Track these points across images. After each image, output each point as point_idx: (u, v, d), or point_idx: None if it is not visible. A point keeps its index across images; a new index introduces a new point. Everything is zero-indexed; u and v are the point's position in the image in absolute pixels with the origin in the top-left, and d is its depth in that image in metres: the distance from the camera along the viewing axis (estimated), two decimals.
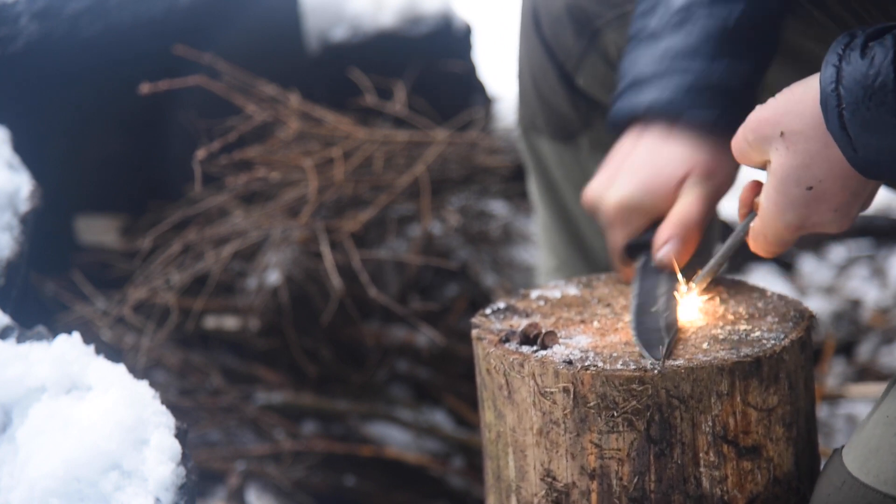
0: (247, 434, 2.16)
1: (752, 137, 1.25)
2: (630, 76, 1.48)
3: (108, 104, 2.28)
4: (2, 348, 1.46)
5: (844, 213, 1.25)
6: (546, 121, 1.84)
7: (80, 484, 1.29)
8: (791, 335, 1.26)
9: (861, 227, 2.96)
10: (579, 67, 1.76)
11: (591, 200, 1.48)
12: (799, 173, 1.21)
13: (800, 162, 1.21)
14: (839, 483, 1.18)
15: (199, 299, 2.14)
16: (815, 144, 1.19)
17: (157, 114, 2.36)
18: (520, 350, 1.27)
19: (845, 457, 1.20)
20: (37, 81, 2.16)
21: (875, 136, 1.12)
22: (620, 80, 1.50)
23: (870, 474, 1.15)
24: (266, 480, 2.06)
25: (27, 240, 1.73)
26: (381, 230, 2.27)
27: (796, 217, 1.24)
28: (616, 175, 1.46)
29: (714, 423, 1.22)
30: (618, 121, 1.50)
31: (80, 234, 2.32)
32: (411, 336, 2.21)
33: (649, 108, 1.44)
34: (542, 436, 1.25)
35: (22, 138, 1.92)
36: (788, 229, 1.26)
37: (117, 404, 1.35)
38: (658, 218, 1.44)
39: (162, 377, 2.15)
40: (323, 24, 2.67)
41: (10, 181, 1.76)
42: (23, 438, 1.34)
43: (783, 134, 1.21)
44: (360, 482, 2.06)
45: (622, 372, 1.20)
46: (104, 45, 2.21)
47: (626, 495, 1.23)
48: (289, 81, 2.58)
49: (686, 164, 1.42)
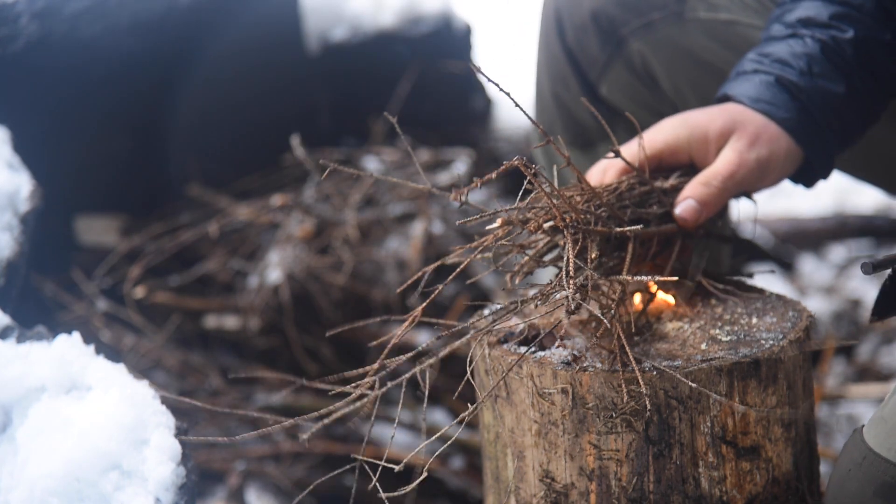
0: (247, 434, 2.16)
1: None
2: (734, 71, 1.51)
3: (109, 104, 2.28)
4: (2, 348, 1.46)
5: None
6: (564, 127, 1.83)
7: (80, 484, 1.29)
8: (790, 335, 1.27)
9: (861, 227, 2.96)
10: (603, 76, 1.76)
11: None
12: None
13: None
14: (860, 459, 1.20)
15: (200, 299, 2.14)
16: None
17: (158, 114, 2.36)
18: (518, 351, 1.27)
19: (866, 433, 1.21)
20: (37, 81, 2.16)
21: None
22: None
23: (892, 450, 1.17)
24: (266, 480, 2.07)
25: (27, 240, 1.74)
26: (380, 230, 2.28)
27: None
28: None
29: (713, 424, 1.22)
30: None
31: (80, 234, 2.32)
32: (411, 336, 2.21)
33: (733, 97, 1.46)
34: (541, 437, 1.25)
35: (22, 138, 1.92)
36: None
37: (117, 404, 1.36)
38: (686, 165, 1.44)
39: (162, 378, 2.15)
40: (323, 24, 2.67)
41: (10, 181, 1.76)
42: (23, 438, 1.34)
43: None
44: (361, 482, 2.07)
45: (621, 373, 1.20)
46: (104, 45, 2.21)
47: (625, 496, 1.23)
48: (289, 81, 2.59)
49: (736, 120, 1.42)
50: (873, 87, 1.47)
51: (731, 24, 1.68)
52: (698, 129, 1.43)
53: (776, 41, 1.48)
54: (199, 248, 2.30)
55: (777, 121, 1.42)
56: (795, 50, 1.45)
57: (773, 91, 1.44)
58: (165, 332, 2.19)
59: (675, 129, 1.44)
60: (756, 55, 1.48)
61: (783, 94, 1.43)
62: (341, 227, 2.21)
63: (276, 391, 2.16)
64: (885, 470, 1.17)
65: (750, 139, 1.41)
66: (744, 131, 1.41)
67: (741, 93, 1.45)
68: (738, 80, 1.47)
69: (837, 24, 1.46)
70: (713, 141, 1.42)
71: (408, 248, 2.24)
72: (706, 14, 1.69)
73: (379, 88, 2.67)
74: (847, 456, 1.22)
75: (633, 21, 1.71)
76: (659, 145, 1.44)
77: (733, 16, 1.68)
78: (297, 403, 2.12)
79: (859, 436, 1.22)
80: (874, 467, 1.18)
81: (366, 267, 2.24)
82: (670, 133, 1.44)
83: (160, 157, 2.39)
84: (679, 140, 1.43)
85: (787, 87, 1.43)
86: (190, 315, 2.25)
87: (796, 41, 1.46)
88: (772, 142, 1.42)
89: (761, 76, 1.45)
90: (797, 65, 1.44)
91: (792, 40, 1.47)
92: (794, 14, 1.49)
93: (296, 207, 2.25)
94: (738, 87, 1.46)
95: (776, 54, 1.46)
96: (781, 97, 1.43)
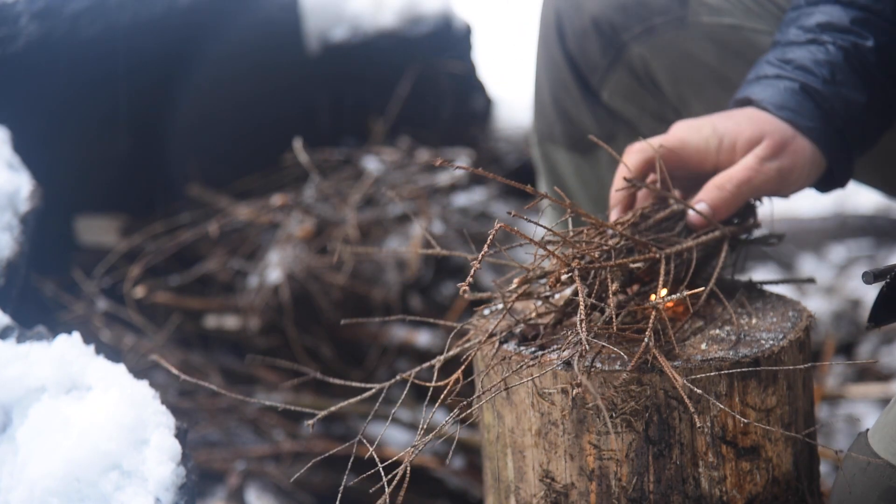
0: (247, 434, 2.16)
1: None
2: (753, 74, 1.49)
3: (109, 104, 2.28)
4: (2, 348, 1.46)
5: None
6: (564, 132, 1.83)
7: (80, 484, 1.29)
8: (789, 335, 1.27)
9: (861, 227, 2.96)
10: (604, 81, 1.75)
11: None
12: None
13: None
14: (864, 464, 1.19)
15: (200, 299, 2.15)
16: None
17: (158, 114, 2.36)
18: (518, 351, 1.27)
19: (871, 438, 1.21)
20: (37, 81, 2.16)
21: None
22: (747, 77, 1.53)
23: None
24: (266, 480, 2.07)
25: (27, 240, 1.74)
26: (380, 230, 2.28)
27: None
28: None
29: (713, 424, 1.22)
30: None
31: (80, 234, 2.32)
32: (411, 336, 2.21)
33: (756, 102, 1.45)
34: (541, 437, 1.25)
35: (22, 138, 1.92)
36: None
37: (117, 404, 1.36)
38: (712, 172, 1.43)
39: (162, 378, 2.15)
40: (323, 24, 2.67)
41: (10, 181, 1.76)
42: (23, 438, 1.34)
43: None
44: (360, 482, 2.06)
45: (621, 373, 1.20)
46: (104, 45, 2.21)
47: (625, 496, 1.23)
48: (289, 81, 2.59)
49: (763, 130, 1.41)
50: (893, 94, 1.46)
51: (734, 28, 1.67)
52: (728, 138, 1.41)
53: (796, 46, 1.46)
54: (199, 248, 2.30)
55: (802, 130, 1.41)
56: (818, 57, 1.44)
57: (797, 99, 1.42)
58: (165, 332, 2.19)
59: (706, 138, 1.42)
60: (776, 59, 1.47)
61: (808, 103, 1.42)
62: (341, 227, 2.21)
63: (276, 391, 2.16)
64: (891, 475, 1.17)
65: (775, 148, 1.40)
66: (770, 140, 1.40)
67: (765, 98, 1.44)
68: (760, 85, 1.46)
69: (858, 29, 1.44)
70: (740, 150, 1.41)
71: (408, 247, 2.24)
72: (709, 18, 1.68)
73: (379, 88, 2.67)
74: (852, 461, 1.22)
75: (635, 26, 1.70)
76: (690, 151, 1.42)
77: (736, 20, 1.66)
78: (298, 402, 2.12)
79: (864, 440, 1.22)
80: (879, 472, 1.18)
81: (366, 267, 2.24)
82: (701, 141, 1.42)
83: (160, 157, 2.39)
84: (709, 148, 1.42)
85: (811, 95, 1.42)
86: (190, 315, 2.25)
87: (818, 48, 1.45)
88: (797, 153, 1.41)
89: (785, 82, 1.44)
90: (820, 73, 1.43)
91: (813, 46, 1.45)
92: (813, 18, 1.47)
93: (296, 207, 2.26)
94: (760, 91, 1.45)
95: (798, 61, 1.45)
96: (806, 105, 1.42)
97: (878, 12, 1.45)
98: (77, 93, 2.22)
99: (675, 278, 1.32)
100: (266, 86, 2.53)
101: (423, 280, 2.31)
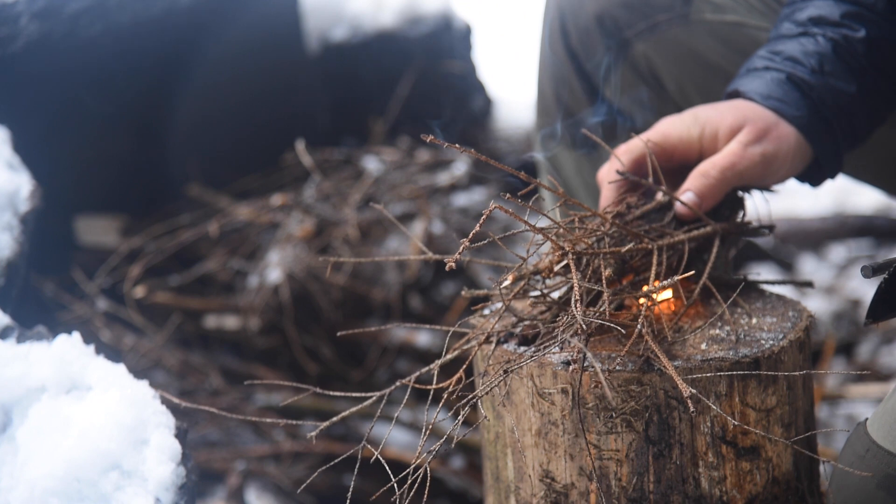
0: (247, 434, 2.16)
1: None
2: (744, 67, 1.50)
3: (108, 104, 2.28)
4: (2, 348, 1.46)
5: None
6: (566, 129, 1.83)
7: (80, 484, 1.29)
8: (789, 336, 1.27)
9: (861, 227, 2.96)
10: (607, 78, 1.75)
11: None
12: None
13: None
14: (863, 452, 1.20)
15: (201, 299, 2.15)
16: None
17: (158, 114, 2.36)
18: (518, 351, 1.27)
19: (869, 427, 1.22)
20: (37, 81, 2.16)
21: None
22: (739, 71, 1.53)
23: (895, 443, 1.18)
24: (266, 480, 2.07)
25: (27, 240, 1.74)
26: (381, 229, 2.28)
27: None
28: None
29: (713, 424, 1.22)
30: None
31: (80, 235, 2.32)
32: (411, 335, 2.21)
33: (743, 93, 1.46)
34: (541, 437, 1.25)
35: (22, 138, 1.92)
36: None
37: (117, 404, 1.36)
38: (696, 161, 1.44)
39: (162, 378, 2.15)
40: (323, 24, 2.67)
41: (10, 181, 1.76)
42: (23, 438, 1.34)
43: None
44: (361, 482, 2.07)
45: (621, 373, 1.20)
46: (104, 45, 2.22)
47: (625, 496, 1.23)
48: (289, 82, 2.59)
49: (746, 116, 1.42)
50: (884, 87, 1.46)
51: (737, 25, 1.67)
52: (710, 126, 1.42)
53: (787, 39, 1.47)
54: (199, 248, 2.30)
55: (787, 118, 1.42)
56: (807, 48, 1.45)
57: (784, 88, 1.43)
58: (165, 332, 2.19)
59: (688, 126, 1.43)
60: (767, 52, 1.48)
61: (794, 92, 1.43)
62: (341, 227, 2.21)
63: (276, 391, 2.16)
64: (889, 462, 1.18)
65: (757, 134, 1.40)
66: (752, 126, 1.40)
67: (752, 89, 1.45)
68: (749, 77, 1.47)
69: (849, 22, 1.45)
70: (723, 138, 1.42)
71: (408, 247, 2.24)
72: (712, 16, 1.68)
73: (379, 88, 2.67)
74: (850, 449, 1.23)
75: (639, 23, 1.70)
76: (673, 141, 1.43)
77: (739, 17, 1.67)
78: (298, 404, 2.12)
79: (863, 429, 1.23)
80: (877, 460, 1.19)
81: (366, 267, 2.24)
82: (683, 130, 1.43)
83: (160, 157, 2.39)
84: (692, 137, 1.42)
85: (798, 84, 1.43)
86: (190, 315, 2.25)
87: (808, 39, 1.45)
88: (780, 138, 1.41)
89: (772, 73, 1.44)
90: (809, 63, 1.43)
91: (803, 38, 1.46)
92: (805, 13, 1.48)
93: (296, 207, 2.26)
94: (748, 83, 1.46)
95: (787, 52, 1.45)
96: (793, 95, 1.42)
97: (869, 6, 1.45)
98: (77, 93, 2.22)
99: (667, 271, 1.33)
100: (266, 86, 2.53)
101: (423, 280, 2.31)
